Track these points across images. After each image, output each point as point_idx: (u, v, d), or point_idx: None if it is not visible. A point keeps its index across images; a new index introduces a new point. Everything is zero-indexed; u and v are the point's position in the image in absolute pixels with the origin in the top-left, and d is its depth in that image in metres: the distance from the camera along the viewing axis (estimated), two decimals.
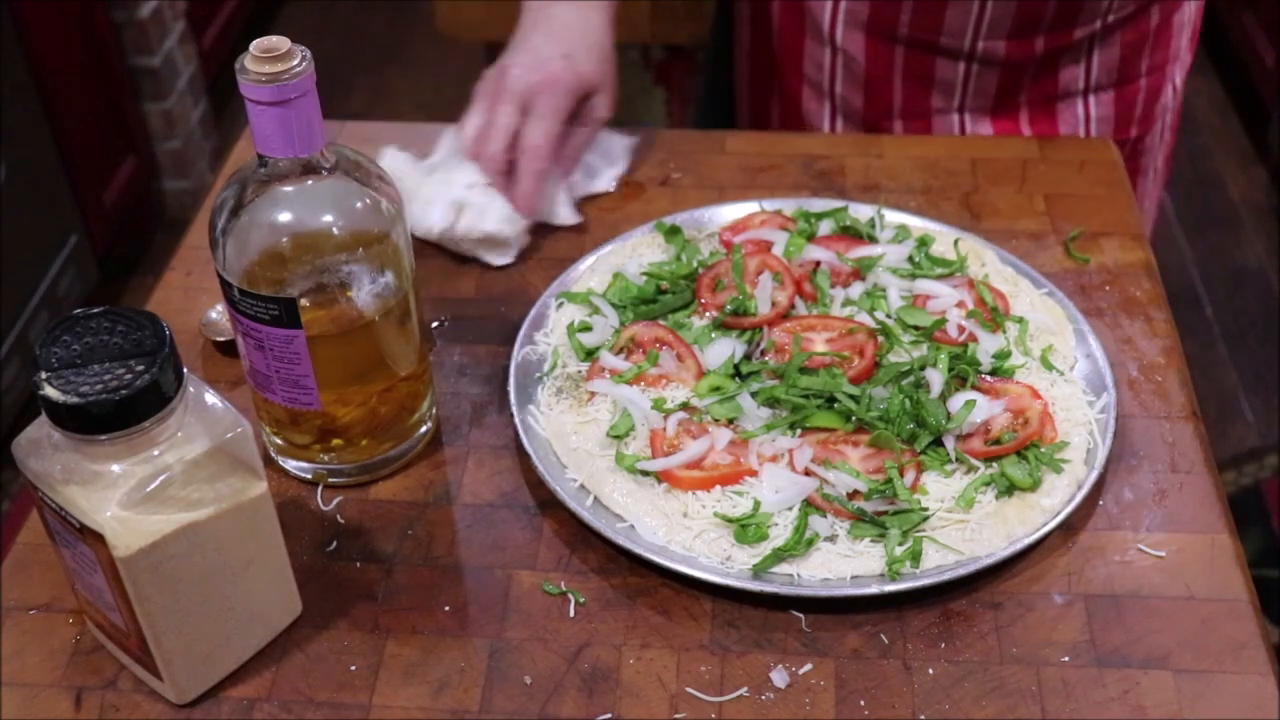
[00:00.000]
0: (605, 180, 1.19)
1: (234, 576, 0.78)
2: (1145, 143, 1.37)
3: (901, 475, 0.88)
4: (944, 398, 0.93)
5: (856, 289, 1.03)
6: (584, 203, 1.18)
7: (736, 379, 0.97)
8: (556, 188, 1.14)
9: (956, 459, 0.91)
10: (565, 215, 1.15)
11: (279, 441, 0.93)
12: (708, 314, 1.02)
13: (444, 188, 1.10)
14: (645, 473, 0.90)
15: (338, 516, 0.92)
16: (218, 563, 0.76)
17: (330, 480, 0.93)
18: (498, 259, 1.11)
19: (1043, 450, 0.90)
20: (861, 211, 1.11)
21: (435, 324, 1.06)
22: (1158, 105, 1.35)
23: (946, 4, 1.22)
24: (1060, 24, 1.24)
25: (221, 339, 1.04)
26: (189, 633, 0.78)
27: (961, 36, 1.25)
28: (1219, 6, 3.27)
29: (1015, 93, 1.29)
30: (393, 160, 1.14)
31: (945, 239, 1.09)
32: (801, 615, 0.84)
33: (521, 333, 1.01)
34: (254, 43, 0.79)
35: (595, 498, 0.90)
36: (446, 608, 0.86)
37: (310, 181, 0.83)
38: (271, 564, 0.81)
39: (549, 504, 0.91)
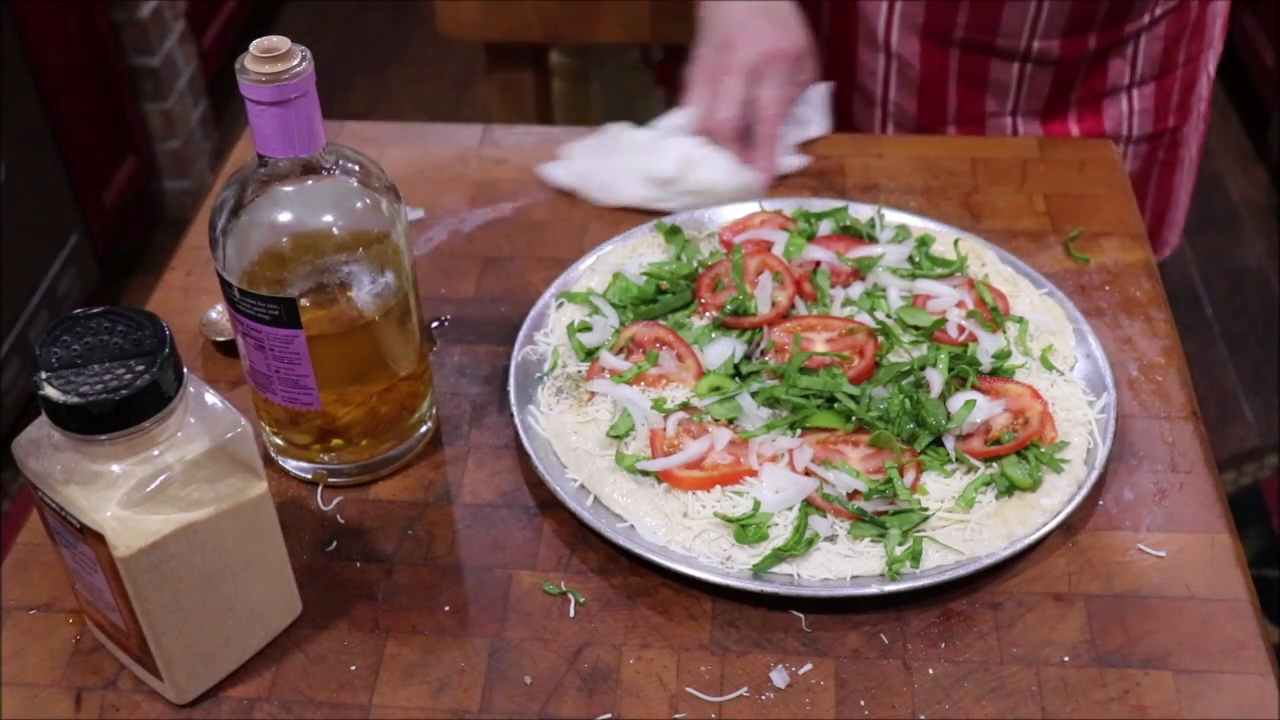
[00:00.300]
0: (817, 127, 1.24)
1: (234, 576, 0.78)
2: (1183, 133, 1.37)
3: (901, 475, 0.88)
4: (944, 398, 0.93)
5: (856, 289, 1.03)
6: (581, 203, 1.18)
7: (736, 379, 0.97)
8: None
9: (956, 459, 0.91)
10: (791, 162, 1.20)
11: (279, 441, 0.93)
12: (708, 314, 1.02)
13: (671, 146, 1.15)
14: (645, 473, 0.90)
15: (338, 516, 0.92)
16: (218, 563, 0.77)
17: (330, 480, 0.93)
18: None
19: (1043, 450, 0.90)
20: (861, 211, 1.11)
21: (435, 324, 1.06)
22: (1194, 94, 1.36)
23: (1004, 3, 1.23)
24: (1112, 20, 1.25)
25: (221, 339, 1.04)
26: (189, 633, 0.78)
27: (1018, 37, 1.25)
28: None
29: (1067, 92, 1.30)
30: (605, 134, 1.19)
31: (945, 239, 1.09)
32: (801, 615, 0.84)
33: (521, 333, 1.02)
34: (254, 43, 0.79)
35: (595, 498, 0.90)
36: (446, 608, 0.86)
37: (310, 181, 0.83)
38: (271, 564, 0.81)
39: (549, 504, 0.91)
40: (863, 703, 0.80)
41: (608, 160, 1.16)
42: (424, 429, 0.96)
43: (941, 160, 1.22)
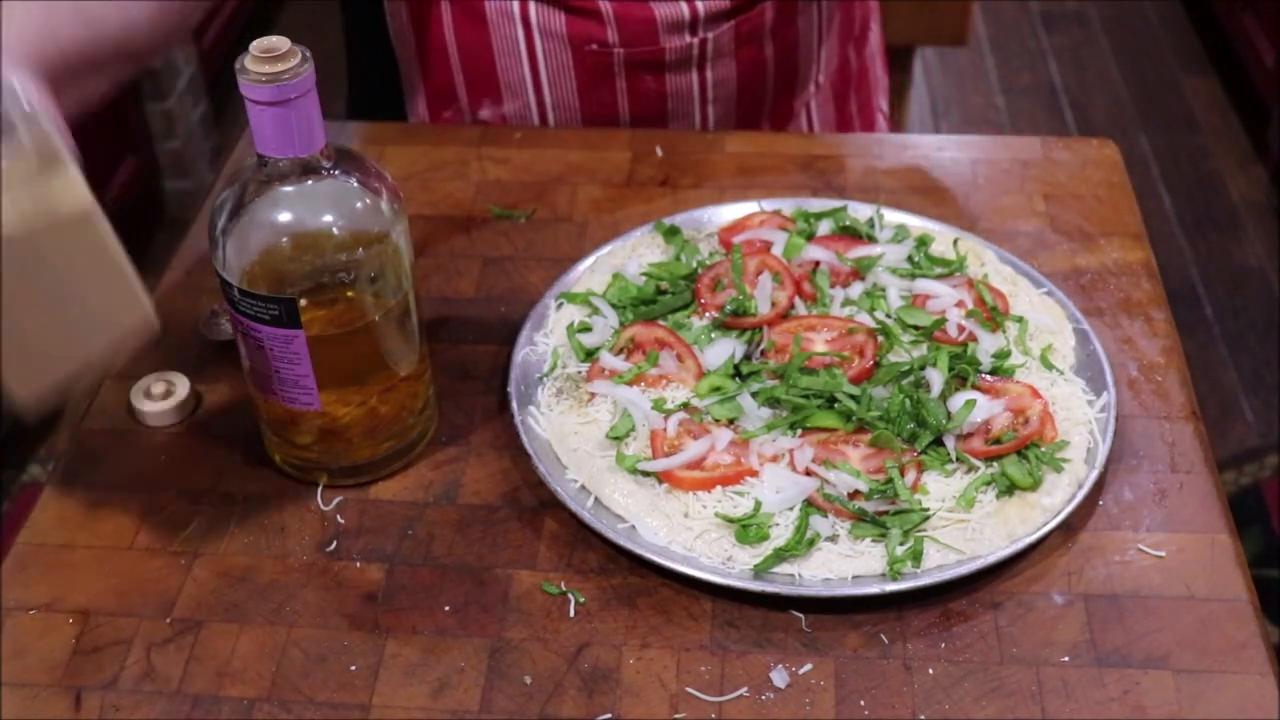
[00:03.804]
0: None
1: (56, 279, 0.74)
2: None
3: (902, 475, 0.88)
4: (944, 397, 0.93)
5: (856, 289, 1.03)
6: (581, 203, 1.18)
7: (737, 379, 0.97)
8: None
9: (957, 458, 0.91)
10: None
11: (279, 441, 0.93)
12: (707, 314, 1.02)
13: None
14: (646, 473, 0.90)
15: (338, 516, 0.92)
16: (35, 266, 0.72)
17: (330, 480, 0.93)
18: None
19: (1043, 449, 0.90)
20: (860, 211, 1.11)
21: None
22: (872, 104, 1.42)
23: (669, 120, 1.27)
24: (780, 101, 1.30)
25: (221, 339, 1.04)
26: (13, 325, 0.74)
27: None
28: (1219, 6, 3.27)
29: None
30: None
31: (944, 239, 1.09)
32: (801, 615, 0.84)
33: (522, 333, 1.01)
34: (254, 43, 0.79)
35: (596, 498, 0.90)
36: (446, 608, 0.86)
37: (310, 181, 0.83)
38: (98, 261, 0.76)
39: (549, 504, 0.91)
40: (863, 703, 0.80)
41: None
42: (424, 429, 0.96)
43: (941, 160, 1.22)
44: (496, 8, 1.20)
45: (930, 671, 0.81)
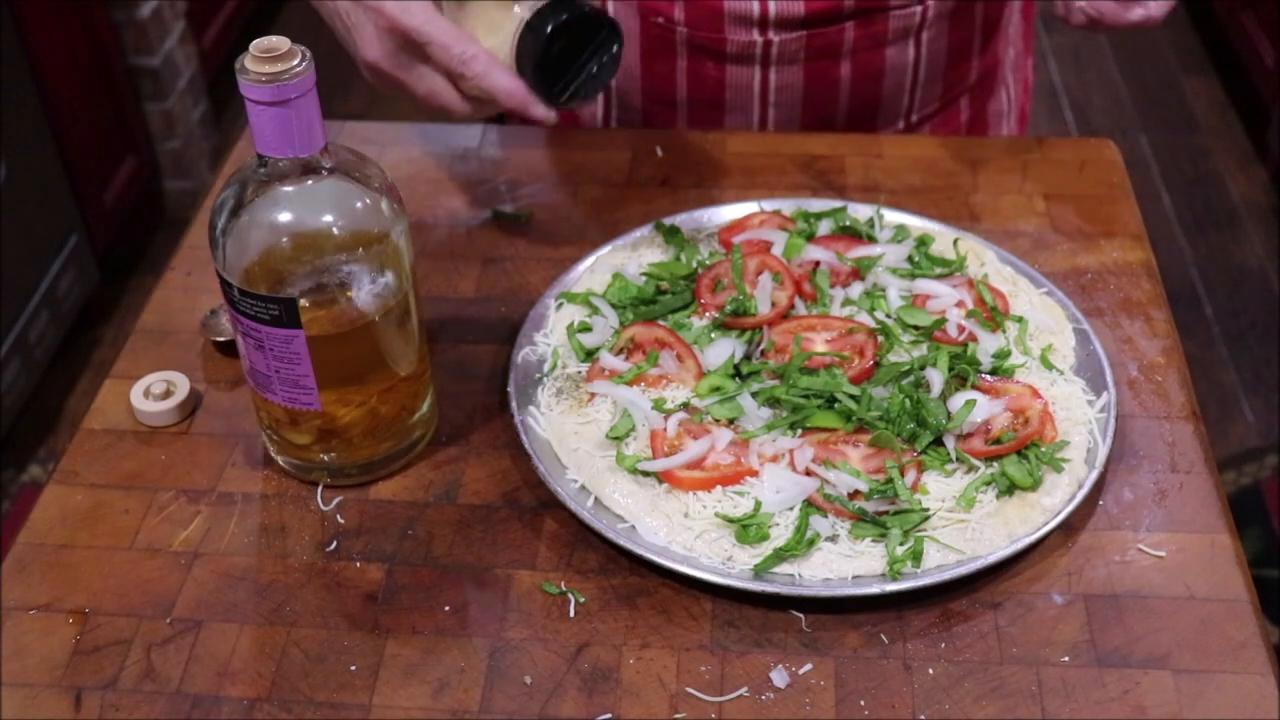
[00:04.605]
0: None
1: None
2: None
3: (902, 475, 0.88)
4: (944, 397, 0.93)
5: (856, 289, 1.03)
6: (581, 203, 1.18)
7: (737, 379, 0.97)
8: None
9: (957, 459, 0.91)
10: None
11: (279, 441, 0.93)
12: (707, 314, 1.02)
13: None
14: (646, 473, 0.90)
15: (338, 516, 0.92)
16: None
17: (330, 480, 0.93)
18: None
19: (1043, 449, 0.90)
20: (860, 211, 1.11)
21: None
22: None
23: (725, 111, 1.26)
24: (855, 126, 1.28)
25: (221, 339, 1.04)
26: None
27: None
28: (1219, 6, 3.27)
29: None
30: None
31: (945, 239, 1.09)
32: (801, 615, 0.85)
33: (521, 333, 1.02)
34: (254, 43, 0.79)
35: (596, 498, 0.90)
36: (446, 608, 0.86)
37: (310, 181, 0.83)
38: None
39: (549, 504, 0.91)
40: (863, 703, 0.80)
41: None
42: (424, 429, 0.96)
43: (941, 160, 1.22)
44: None
45: (930, 671, 0.81)
